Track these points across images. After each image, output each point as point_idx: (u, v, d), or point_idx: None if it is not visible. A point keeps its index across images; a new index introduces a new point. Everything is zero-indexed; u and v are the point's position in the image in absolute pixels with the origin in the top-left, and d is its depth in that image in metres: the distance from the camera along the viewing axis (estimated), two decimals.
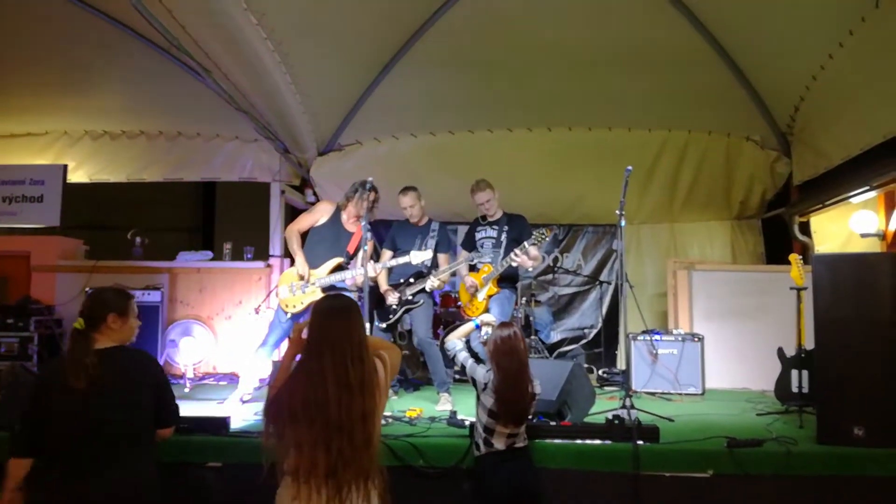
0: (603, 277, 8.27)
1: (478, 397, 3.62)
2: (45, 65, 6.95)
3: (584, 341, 8.20)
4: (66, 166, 7.52)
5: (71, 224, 7.48)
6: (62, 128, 7.88)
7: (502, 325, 3.68)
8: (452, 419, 4.35)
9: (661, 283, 7.67)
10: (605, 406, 4.85)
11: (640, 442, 3.83)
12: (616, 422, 3.90)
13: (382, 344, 2.88)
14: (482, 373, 3.61)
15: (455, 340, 3.94)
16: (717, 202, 8.06)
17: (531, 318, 7.56)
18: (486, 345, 3.75)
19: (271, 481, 2.52)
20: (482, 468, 3.54)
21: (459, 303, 7.33)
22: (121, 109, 7.67)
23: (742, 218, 8.25)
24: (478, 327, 4.01)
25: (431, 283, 5.50)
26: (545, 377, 4.13)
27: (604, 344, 7.50)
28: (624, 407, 4.49)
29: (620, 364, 7.61)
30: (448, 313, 7.33)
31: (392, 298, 5.49)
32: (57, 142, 7.88)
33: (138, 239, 7.50)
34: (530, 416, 4.11)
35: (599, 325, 8.20)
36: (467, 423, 4.07)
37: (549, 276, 8.29)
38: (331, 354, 2.54)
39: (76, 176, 7.81)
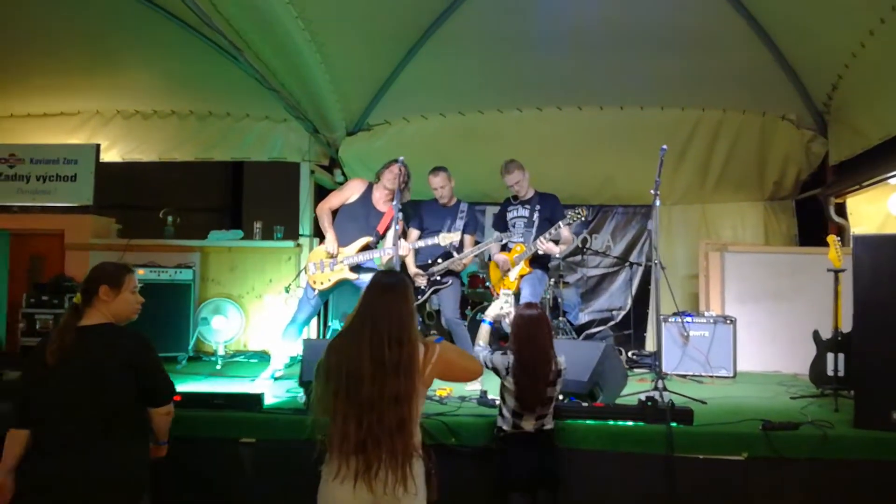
0: (633, 259, 8.20)
1: (502, 382, 3.61)
2: (77, 45, 7.00)
3: (612, 323, 8.15)
4: (98, 145, 7.59)
5: (103, 203, 7.56)
6: (94, 107, 7.96)
7: (526, 305, 3.64)
8: (483, 399, 4.35)
9: (692, 265, 7.58)
10: (635, 388, 4.83)
11: (674, 424, 3.79)
12: (649, 403, 3.87)
13: (462, 356, 2.93)
14: (500, 359, 3.56)
15: (479, 348, 3.81)
16: (750, 183, 7.92)
17: (559, 300, 7.51)
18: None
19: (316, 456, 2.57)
20: (506, 448, 3.54)
21: (488, 283, 7.35)
22: (152, 89, 7.73)
23: (775, 199, 8.10)
24: (491, 325, 3.93)
25: (455, 265, 5.49)
26: (577, 358, 4.12)
27: (633, 326, 7.44)
28: (656, 389, 4.46)
29: (649, 346, 7.58)
30: (475, 293, 7.32)
31: (420, 281, 5.48)
32: (90, 121, 7.96)
33: (170, 218, 7.57)
34: (560, 397, 4.12)
35: (628, 306, 8.14)
36: (498, 402, 4.07)
37: (578, 258, 8.22)
38: (370, 330, 2.55)
39: (109, 155, 7.89)
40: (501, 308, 3.88)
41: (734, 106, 7.49)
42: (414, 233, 5.76)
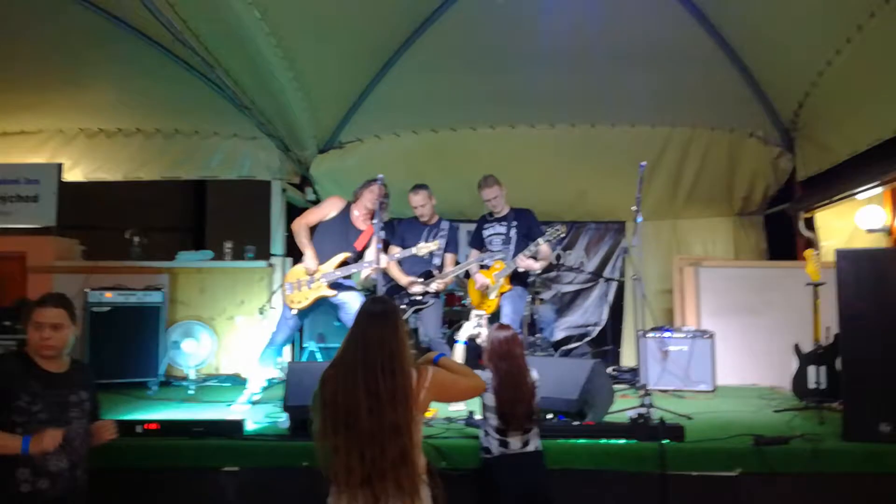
0: (606, 274, 8.23)
1: (482, 401, 3.57)
2: (40, 61, 6.81)
3: (588, 338, 8.15)
4: (61, 165, 7.35)
5: (66, 224, 7.31)
6: (56, 126, 7.70)
7: (499, 326, 3.67)
8: (470, 420, 4.27)
9: (664, 280, 7.64)
10: (619, 405, 4.79)
11: (666, 441, 3.76)
12: (640, 421, 3.84)
13: (459, 377, 2.80)
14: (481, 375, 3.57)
15: None
16: (719, 198, 8.05)
17: (535, 316, 7.50)
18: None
19: (320, 488, 2.50)
20: (494, 472, 3.48)
21: (465, 301, 7.30)
22: (116, 107, 7.51)
23: (745, 214, 8.23)
24: (466, 344, 3.93)
25: (436, 286, 5.43)
26: (566, 376, 4.08)
27: (611, 341, 7.45)
28: (643, 405, 4.43)
29: (625, 361, 7.60)
30: (452, 312, 7.25)
31: (416, 288, 5.37)
32: (51, 140, 7.70)
33: (136, 238, 7.35)
34: (549, 416, 4.07)
35: (603, 322, 8.17)
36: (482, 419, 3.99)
37: (553, 274, 8.22)
38: (362, 361, 2.51)
39: (72, 175, 7.64)
40: (475, 328, 3.86)
41: (703, 123, 7.60)
42: (395, 249, 5.68)
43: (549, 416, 4.07)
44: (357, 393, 2.46)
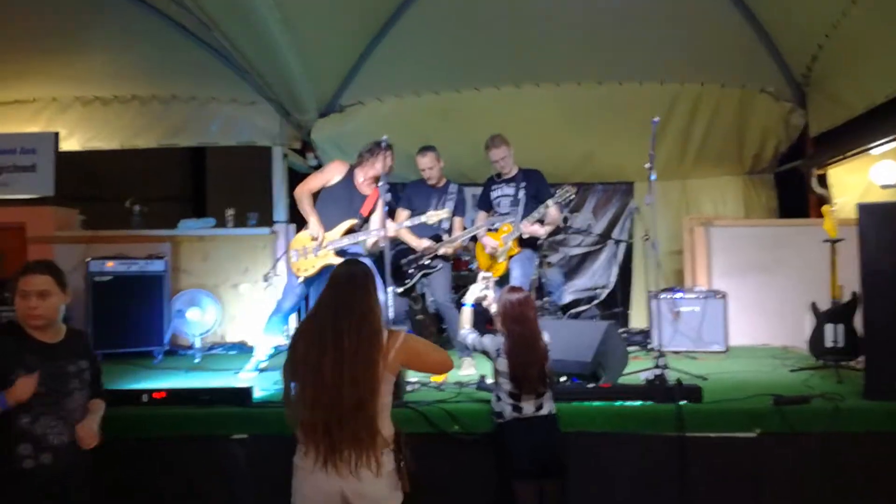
0: (615, 236, 8.10)
1: (494, 366, 3.50)
2: (33, 28, 6.64)
3: (596, 301, 8.05)
4: (57, 134, 7.20)
5: (64, 194, 7.19)
6: (51, 94, 7.52)
7: (511, 289, 3.56)
8: (482, 384, 4.19)
9: (674, 241, 7.51)
10: (632, 367, 4.70)
11: (683, 402, 3.68)
12: (657, 382, 3.75)
13: (431, 347, 3.02)
14: (490, 341, 3.52)
15: (464, 332, 3.75)
16: (729, 157, 7.88)
17: (543, 280, 7.39)
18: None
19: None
20: (507, 436, 3.40)
21: (471, 265, 7.19)
22: (112, 73, 7.34)
23: (755, 172, 8.09)
24: (474, 307, 3.83)
25: (444, 250, 5.32)
26: (579, 338, 3.99)
27: (620, 304, 7.36)
28: (657, 367, 4.34)
29: (634, 323, 7.51)
30: (459, 276, 7.14)
31: (425, 242, 5.28)
32: (46, 108, 7.53)
33: (136, 207, 7.24)
34: (563, 379, 3.99)
35: (612, 284, 8.07)
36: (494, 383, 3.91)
37: (560, 237, 8.10)
38: (332, 318, 2.66)
39: (68, 144, 7.49)
40: (482, 290, 3.76)
41: (712, 79, 7.41)
42: (403, 213, 5.56)
43: (563, 378, 3.98)
44: (325, 347, 2.60)
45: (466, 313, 3.76)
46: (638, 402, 3.74)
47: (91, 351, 3.06)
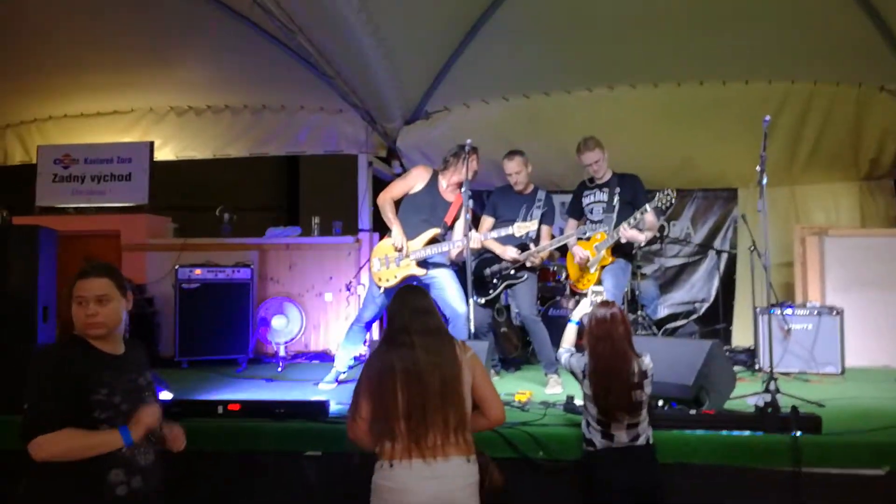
0: (716, 246, 7.59)
1: (582, 389, 3.23)
2: (128, 41, 6.79)
3: (695, 316, 7.56)
4: (152, 143, 7.41)
5: (159, 203, 7.37)
6: (147, 104, 7.75)
7: (602, 304, 3.24)
8: (570, 405, 3.89)
9: (782, 252, 6.95)
10: (738, 390, 4.28)
11: (799, 433, 3.27)
12: (769, 409, 3.35)
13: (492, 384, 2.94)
14: (577, 361, 3.26)
15: (562, 350, 3.48)
16: (843, 161, 7.25)
17: (636, 293, 6.98)
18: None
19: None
20: (597, 466, 3.10)
21: (559, 276, 6.88)
22: (205, 84, 7.48)
23: (872, 178, 7.40)
24: (578, 324, 3.53)
25: (532, 260, 5.05)
26: (680, 359, 3.64)
27: (722, 319, 6.87)
28: (768, 391, 3.93)
29: (737, 341, 7.00)
30: (545, 288, 6.84)
31: (512, 252, 5.03)
32: (143, 119, 7.77)
33: (227, 216, 7.32)
34: (661, 403, 3.65)
35: (711, 298, 7.57)
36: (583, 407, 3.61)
37: (656, 246, 7.66)
38: (410, 321, 2.74)
39: (162, 154, 7.71)
40: (591, 306, 3.44)
41: (826, 77, 6.81)
42: (487, 221, 5.34)
43: (661, 403, 3.63)
44: (413, 352, 2.64)
45: (570, 331, 3.49)
46: (747, 432, 3.35)
47: (148, 361, 2.82)
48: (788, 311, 5.50)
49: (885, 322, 5.94)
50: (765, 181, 4.40)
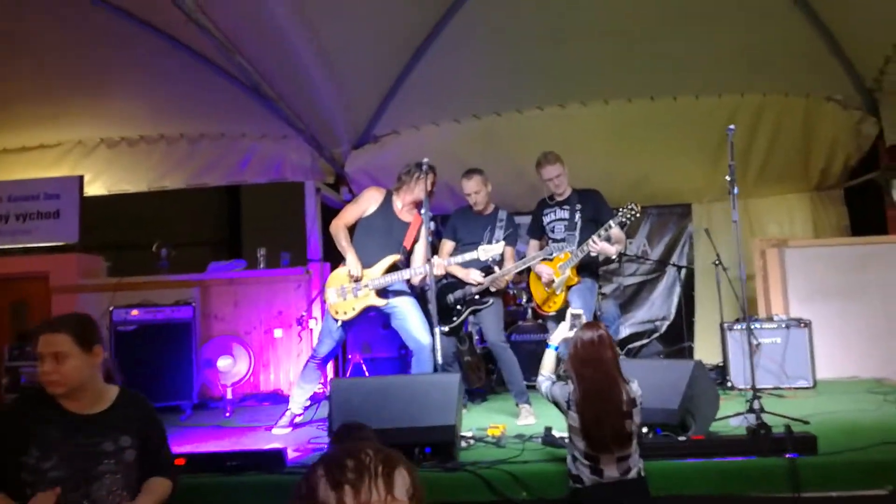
0: (674, 262, 7.50)
1: (566, 420, 2.97)
2: (56, 70, 6.39)
3: (656, 335, 7.42)
4: (82, 177, 6.93)
5: (89, 242, 6.89)
6: (76, 136, 7.28)
7: (586, 325, 3.01)
8: (548, 437, 3.62)
9: (736, 267, 6.88)
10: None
11: (796, 454, 3.07)
12: (762, 431, 3.15)
13: None
14: (559, 390, 3.00)
15: (541, 378, 3.23)
16: (794, 173, 7.25)
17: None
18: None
19: None
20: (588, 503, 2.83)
21: (520, 300, 6.65)
22: (138, 113, 7.07)
23: (823, 189, 7.43)
24: (556, 349, 3.30)
25: (496, 284, 4.80)
26: (663, 381, 3.42)
27: (686, 336, 6.74)
28: (752, 410, 3.74)
29: (700, 358, 6.86)
30: (506, 313, 6.59)
31: (476, 276, 4.76)
32: (71, 152, 7.29)
33: (164, 251, 6.88)
34: (644, 430, 3.41)
35: (672, 316, 7.44)
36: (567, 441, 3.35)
37: (613, 266, 7.52)
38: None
39: (93, 188, 7.24)
40: (571, 329, 3.20)
41: (775, 89, 6.83)
42: (448, 244, 5.07)
43: (645, 430, 3.40)
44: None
45: (549, 357, 3.24)
46: (738, 458, 3.14)
47: (148, 420, 2.53)
48: (755, 325, 5.37)
49: (850, 332, 5.88)
50: (735, 191, 4.22)
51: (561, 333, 3.27)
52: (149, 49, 6.16)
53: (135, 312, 5.77)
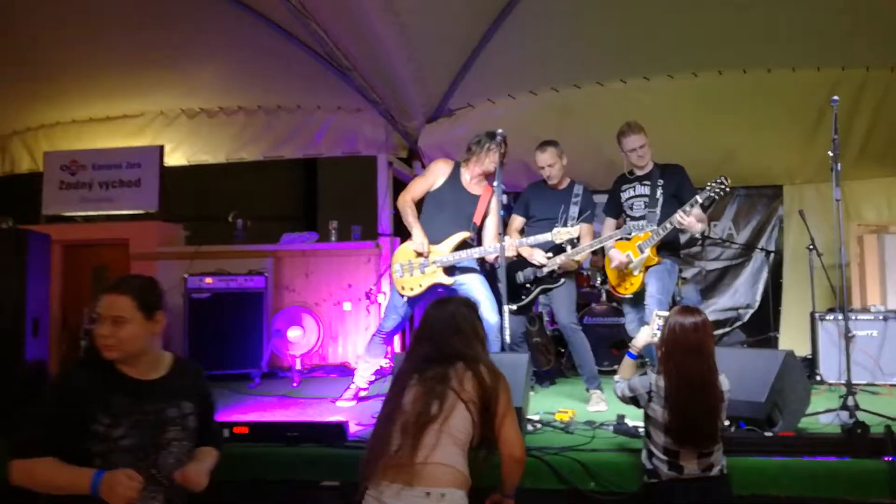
0: (761, 247, 7.09)
1: (645, 411, 2.74)
2: (137, 42, 6.48)
3: (739, 323, 7.05)
4: (162, 147, 7.08)
5: (169, 210, 7.03)
6: (157, 107, 7.44)
7: (683, 310, 2.74)
8: (621, 425, 3.43)
9: (834, 253, 6.41)
10: None
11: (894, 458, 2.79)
12: (859, 430, 2.88)
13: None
14: (638, 381, 2.76)
15: (620, 384, 2.96)
16: None
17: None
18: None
19: None
20: (663, 500, 2.63)
21: (594, 281, 6.42)
22: (216, 84, 7.15)
23: None
24: (634, 358, 3.04)
25: (567, 264, 4.59)
26: (750, 372, 3.18)
27: (772, 325, 6.37)
28: (845, 407, 3.45)
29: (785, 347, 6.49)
30: (580, 294, 6.38)
31: (539, 257, 4.57)
32: (153, 122, 7.45)
33: (240, 222, 6.98)
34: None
35: (757, 303, 7.05)
36: (641, 430, 3.14)
37: (695, 249, 7.16)
38: None
39: (173, 158, 7.39)
40: (654, 335, 2.96)
41: (880, 62, 6.27)
42: (517, 220, 4.89)
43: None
44: None
45: (627, 363, 3.00)
46: (832, 458, 2.88)
47: (203, 389, 2.47)
48: (851, 315, 4.99)
49: None
50: (838, 167, 3.87)
51: (643, 339, 3.03)
52: (226, 20, 6.18)
53: (209, 280, 5.85)
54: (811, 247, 5.49)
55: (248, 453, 3.23)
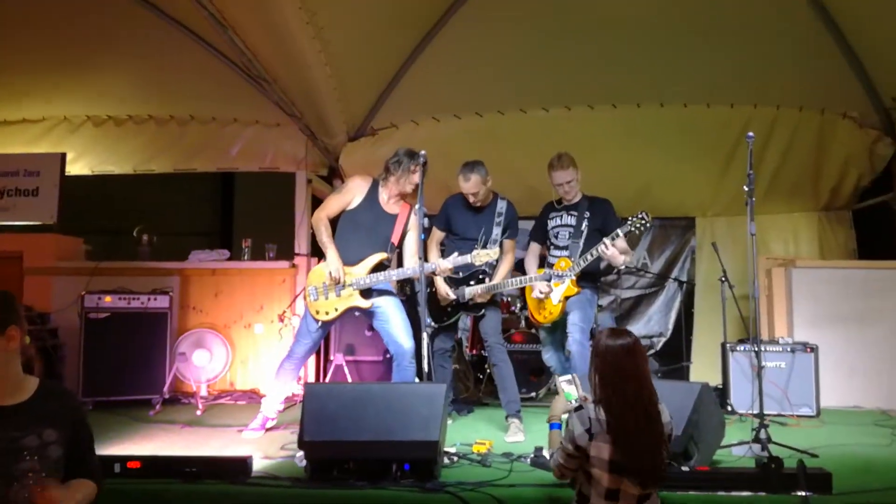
0: (674, 276, 7.24)
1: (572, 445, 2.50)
2: (43, 43, 6.14)
3: (652, 352, 7.15)
4: (64, 155, 6.63)
5: (70, 223, 6.59)
6: (61, 113, 6.96)
7: (612, 332, 2.53)
8: (538, 458, 3.35)
9: (743, 284, 6.61)
10: None
11: (809, 493, 2.80)
12: (773, 465, 2.88)
13: None
14: (576, 419, 2.48)
15: (555, 454, 2.68)
16: (803, 190, 7.01)
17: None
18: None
19: None
20: None
21: (513, 308, 6.38)
22: (127, 92, 6.79)
23: (831, 209, 7.19)
24: (557, 427, 2.81)
25: (481, 298, 4.54)
26: (666, 405, 3.12)
27: (685, 355, 6.48)
28: (758, 440, 3.47)
29: (696, 379, 6.61)
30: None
31: (444, 290, 4.54)
32: (55, 129, 6.98)
33: (145, 237, 6.60)
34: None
35: (669, 333, 7.19)
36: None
37: (612, 277, 7.26)
38: None
39: (76, 168, 6.93)
40: (574, 401, 2.83)
41: (789, 102, 6.56)
42: (438, 234, 4.81)
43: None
44: None
45: (553, 437, 2.79)
46: (745, 493, 2.87)
47: (75, 414, 2.19)
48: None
49: (855, 360, 5.65)
50: (753, 200, 4.02)
51: (560, 408, 2.84)
52: (139, 23, 5.92)
53: (108, 299, 5.48)
54: (723, 278, 5.60)
55: (143, 490, 2.97)
